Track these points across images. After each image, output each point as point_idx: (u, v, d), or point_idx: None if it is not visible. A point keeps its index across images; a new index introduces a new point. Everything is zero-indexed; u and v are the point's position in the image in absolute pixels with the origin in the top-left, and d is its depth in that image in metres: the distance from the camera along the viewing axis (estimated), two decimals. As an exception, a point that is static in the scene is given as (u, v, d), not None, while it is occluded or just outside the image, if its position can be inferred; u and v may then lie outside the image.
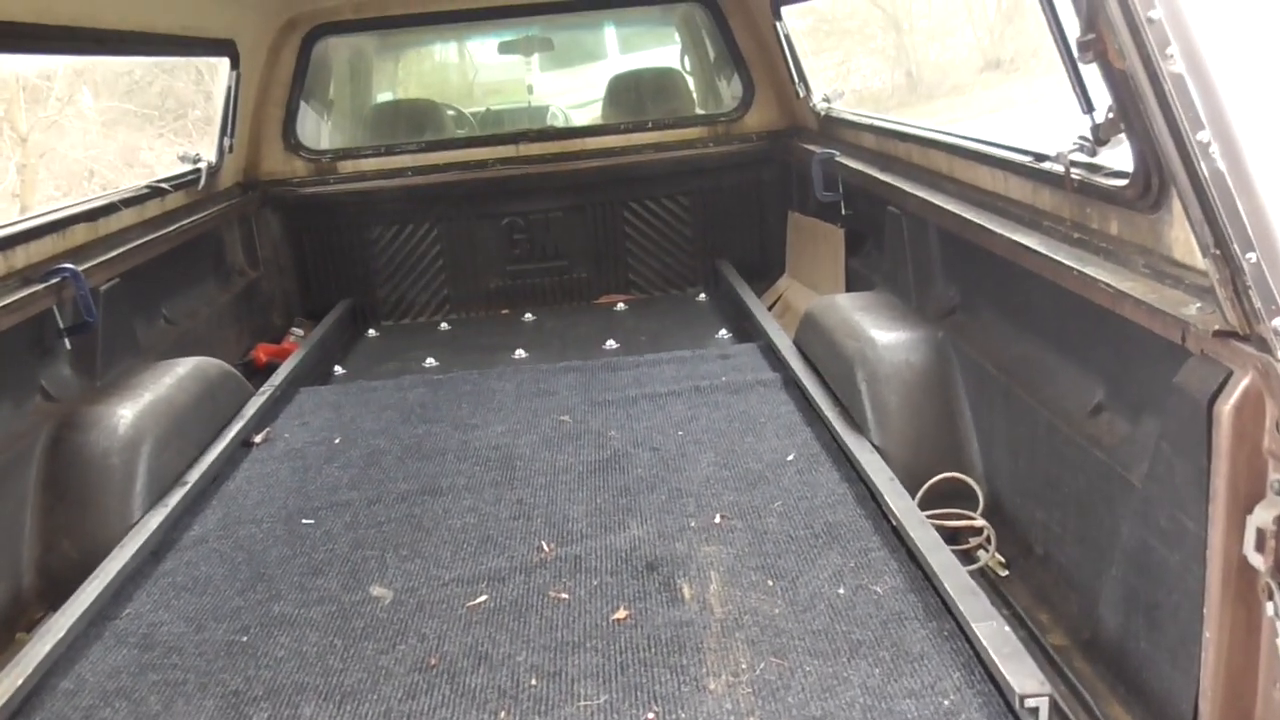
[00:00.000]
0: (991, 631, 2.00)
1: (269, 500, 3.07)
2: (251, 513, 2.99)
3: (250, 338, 4.78)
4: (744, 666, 2.09)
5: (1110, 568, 2.12)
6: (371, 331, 5.14)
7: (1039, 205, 2.56)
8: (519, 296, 5.38)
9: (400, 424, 3.61)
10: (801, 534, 2.61)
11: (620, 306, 5.22)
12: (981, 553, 2.70)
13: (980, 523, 2.69)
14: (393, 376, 4.25)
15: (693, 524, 2.71)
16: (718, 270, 5.31)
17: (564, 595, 2.42)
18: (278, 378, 4.02)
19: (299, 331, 5.01)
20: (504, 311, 5.37)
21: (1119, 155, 2.19)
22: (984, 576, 2.60)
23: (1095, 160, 2.24)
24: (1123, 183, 2.12)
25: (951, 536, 2.62)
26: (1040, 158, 2.53)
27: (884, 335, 3.19)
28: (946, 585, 2.20)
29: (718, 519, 2.72)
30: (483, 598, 2.44)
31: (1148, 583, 1.95)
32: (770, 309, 4.76)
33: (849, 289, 4.25)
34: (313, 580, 2.58)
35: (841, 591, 2.33)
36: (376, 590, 2.51)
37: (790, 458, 3.06)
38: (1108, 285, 2.04)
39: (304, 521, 2.91)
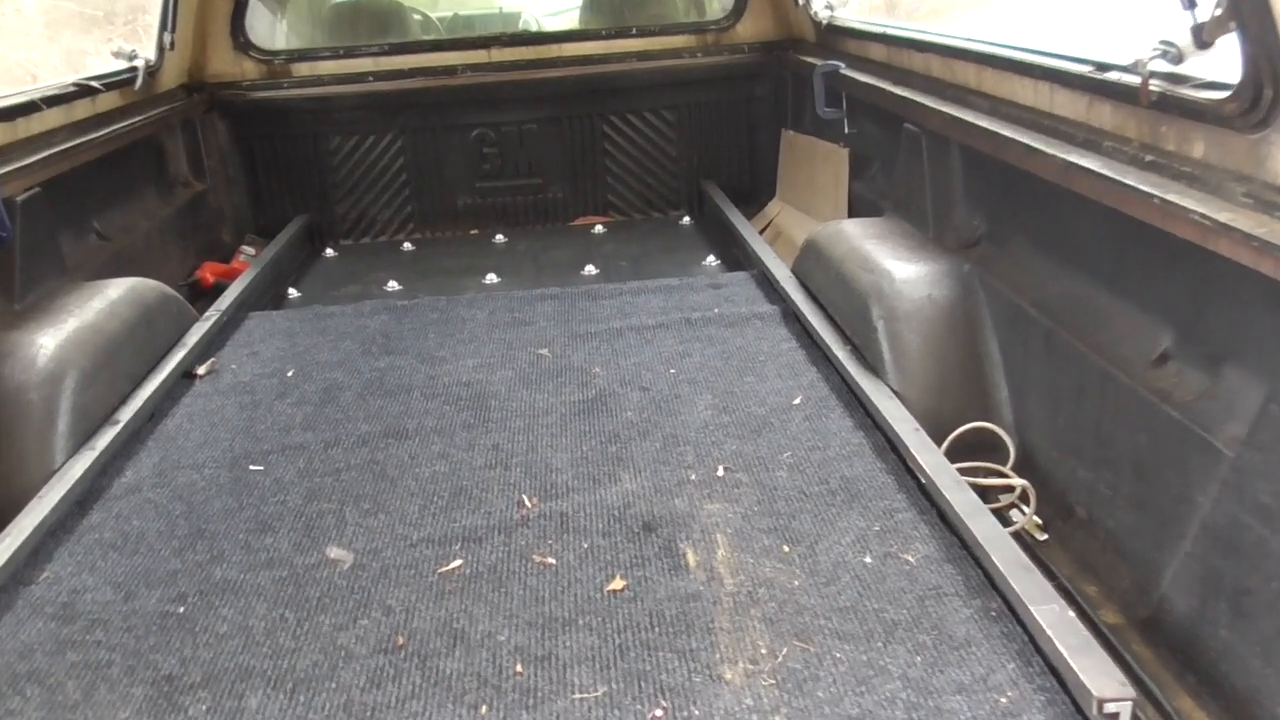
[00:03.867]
0: (1053, 617, 1.73)
1: (212, 442, 2.72)
2: (192, 456, 2.65)
3: (196, 256, 4.37)
4: (763, 651, 1.81)
5: (1181, 541, 1.86)
6: (329, 251, 4.74)
7: (1096, 123, 2.24)
8: (489, 216, 5.01)
9: (360, 355, 3.26)
10: (816, 490, 2.32)
11: (598, 229, 4.86)
12: (1016, 513, 2.43)
13: (1016, 480, 2.41)
14: (352, 301, 3.89)
15: (693, 477, 2.41)
16: (703, 192, 4.96)
17: (550, 560, 2.12)
18: (225, 301, 3.64)
19: (250, 250, 4.60)
20: (473, 232, 5.00)
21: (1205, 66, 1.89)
22: (1019, 540, 2.33)
23: (1179, 70, 1.92)
24: (1221, 95, 1.80)
25: (980, 493, 2.34)
26: (1103, 67, 2.20)
27: (902, 267, 2.88)
28: (994, 558, 1.93)
29: (720, 471, 2.43)
30: (456, 562, 2.14)
31: (1237, 565, 1.69)
32: (760, 234, 4.43)
33: (852, 214, 3.92)
34: (261, 539, 2.26)
35: (868, 560, 2.05)
36: (334, 552, 2.19)
37: (797, 401, 2.76)
38: (1202, 217, 1.74)
39: (252, 468, 2.57)
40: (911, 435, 2.40)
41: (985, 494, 2.40)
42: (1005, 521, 2.38)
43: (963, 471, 2.37)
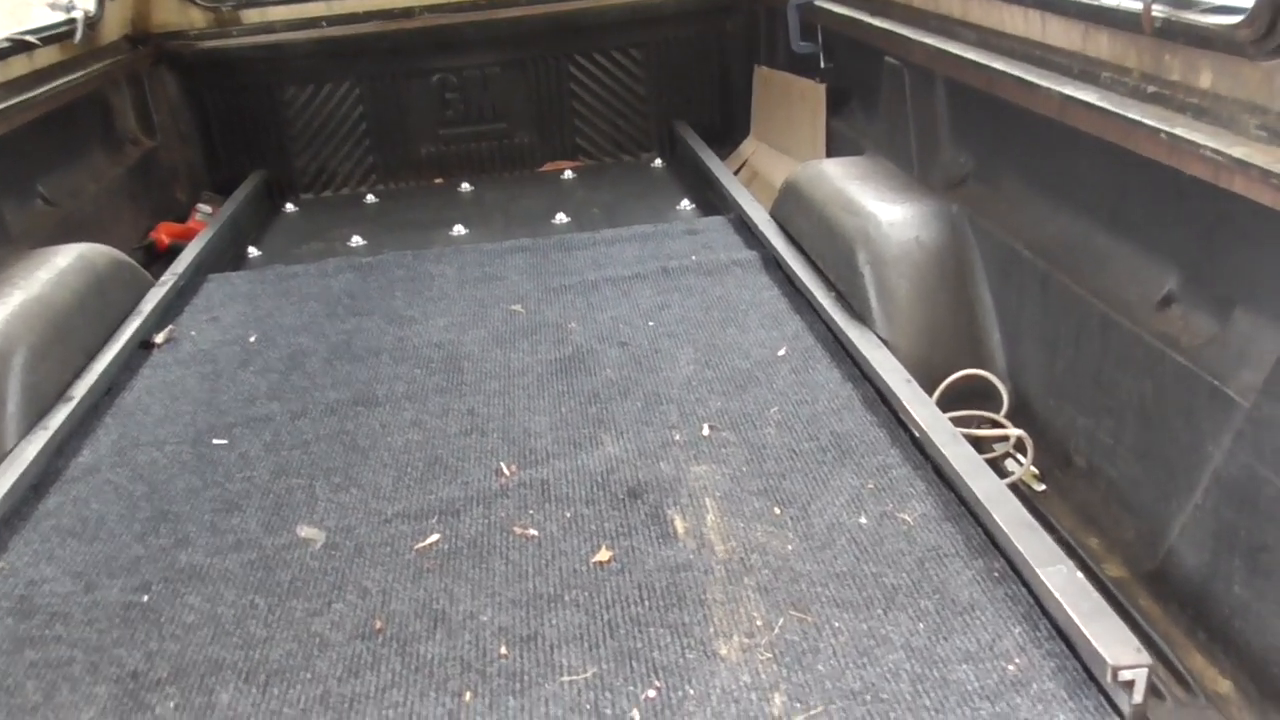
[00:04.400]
0: (1061, 580, 1.65)
1: (173, 416, 2.60)
2: (152, 432, 2.53)
3: (150, 217, 4.18)
4: (759, 624, 1.73)
5: (1190, 493, 1.78)
6: (289, 206, 4.56)
7: (1093, 54, 2.12)
8: (454, 164, 4.84)
9: (325, 318, 3.13)
10: (806, 448, 2.23)
11: (568, 174, 4.70)
12: (1011, 463, 2.35)
13: (1012, 430, 2.33)
14: (315, 259, 3.74)
15: (677, 437, 2.31)
16: (675, 133, 4.81)
17: (532, 532, 2.03)
18: (181, 264, 3.48)
19: (206, 209, 4.41)
20: (437, 181, 4.83)
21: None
22: (1016, 491, 2.25)
23: (1184, -7, 1.80)
24: (1232, 20, 1.68)
25: (973, 443, 2.26)
26: (1101, -7, 2.08)
27: (888, 209, 2.76)
28: (995, 515, 1.85)
29: (706, 430, 2.33)
30: (434, 537, 2.04)
31: (1252, 519, 1.62)
32: (735, 175, 4.30)
33: (830, 154, 3.79)
34: (227, 519, 2.15)
35: (864, 521, 1.97)
36: (305, 531, 2.09)
37: (782, 353, 2.66)
38: (1214, 152, 1.63)
39: (215, 442, 2.45)
40: (903, 386, 2.31)
41: (979, 444, 2.32)
42: (1001, 473, 2.30)
43: (956, 421, 2.29)
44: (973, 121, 2.74)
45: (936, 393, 2.43)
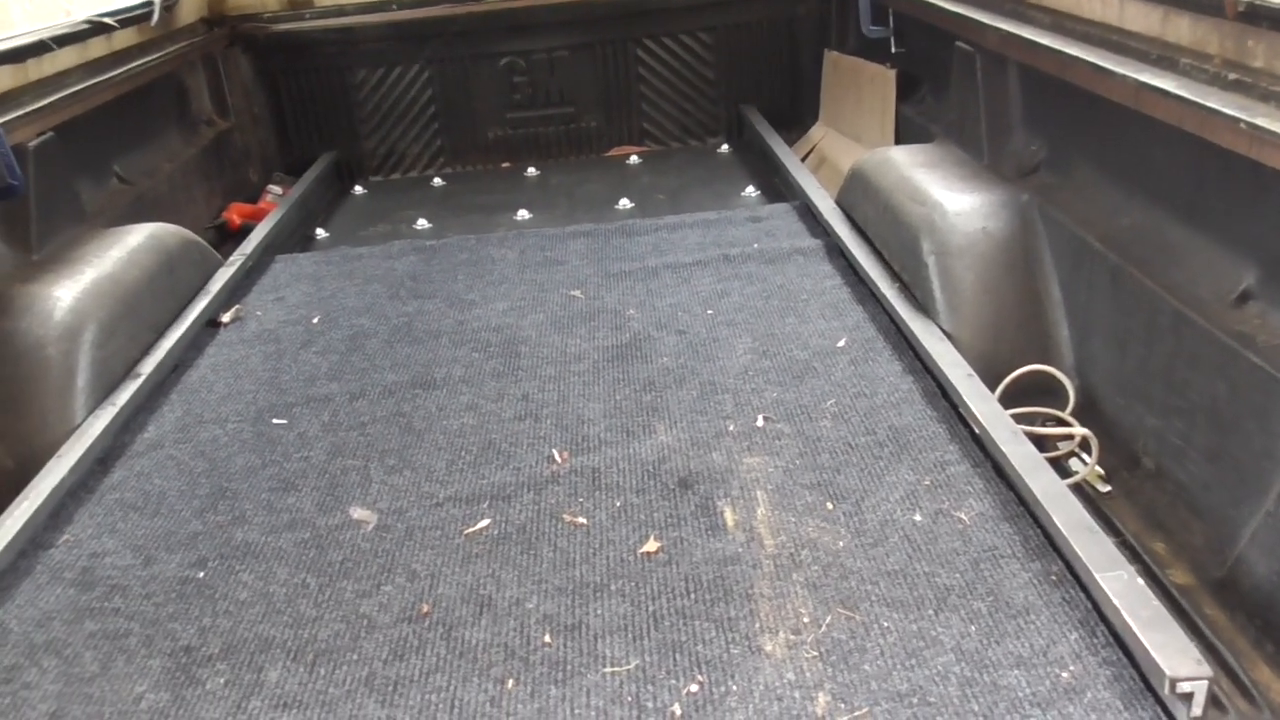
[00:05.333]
0: (1121, 585, 1.60)
1: (236, 394, 2.64)
2: (215, 410, 2.57)
3: (223, 197, 4.27)
4: (806, 621, 1.70)
5: (1262, 498, 1.71)
6: (358, 189, 4.61)
7: (1172, 38, 2.04)
8: (521, 148, 4.85)
9: (388, 300, 3.16)
10: (862, 441, 2.19)
11: (634, 159, 4.67)
12: (1076, 462, 2.28)
13: (1077, 428, 2.26)
14: (381, 241, 3.78)
15: (731, 428, 2.29)
16: (743, 118, 4.76)
17: (581, 520, 2.02)
18: (250, 244, 3.54)
19: (277, 189, 4.49)
20: (504, 165, 4.84)
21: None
22: (1080, 492, 2.19)
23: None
24: (1321, 4, 1.60)
25: (1037, 441, 2.19)
26: (1182, -24, 1.99)
27: (956, 198, 2.69)
28: (1054, 517, 1.79)
29: (760, 421, 2.30)
30: (484, 522, 2.04)
31: (1327, 529, 1.54)
32: (803, 161, 4.23)
33: (899, 141, 3.71)
34: (283, 498, 2.18)
35: (918, 519, 1.93)
36: (358, 513, 2.11)
37: (841, 344, 2.62)
38: (1298, 143, 1.55)
39: (275, 421, 2.49)
40: (964, 381, 2.25)
41: (1043, 442, 2.26)
42: (1065, 472, 2.25)
43: (1019, 418, 2.23)
44: (1045, 108, 2.66)
45: (999, 388, 2.36)
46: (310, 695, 1.65)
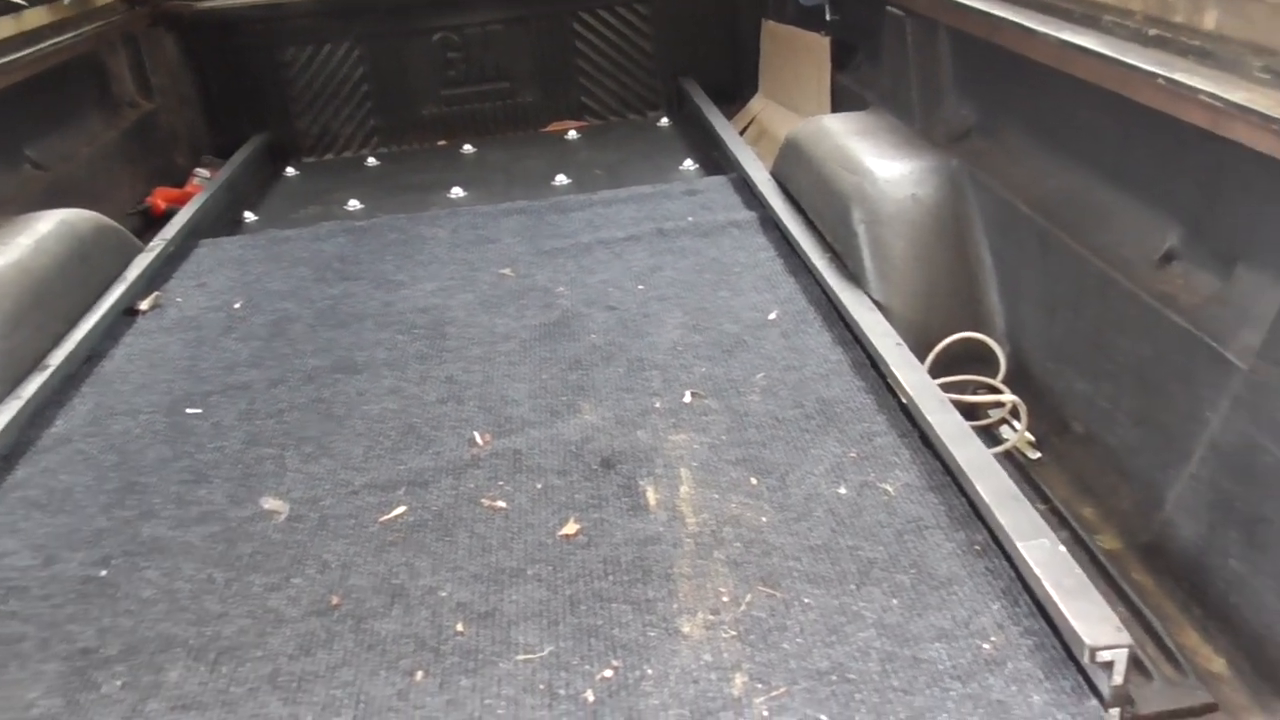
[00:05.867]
0: (1044, 555, 1.56)
1: (151, 384, 2.55)
2: (129, 401, 2.48)
3: (147, 182, 4.12)
4: (725, 600, 1.66)
5: (1186, 462, 1.68)
6: (290, 170, 4.48)
7: (1095, -5, 1.99)
8: (456, 125, 4.74)
9: (314, 283, 3.07)
10: (790, 415, 2.15)
11: (572, 134, 4.59)
12: (1007, 429, 2.25)
13: (1007, 395, 2.23)
14: (310, 223, 3.67)
15: (658, 405, 2.23)
16: (682, 91, 4.69)
17: (500, 504, 1.96)
18: (171, 229, 3.43)
19: (205, 173, 4.34)
20: (440, 143, 4.73)
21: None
22: (1010, 459, 2.16)
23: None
24: (1236, -47, 1.56)
25: (967, 410, 2.16)
26: (1101, -71, 1.95)
27: (885, 165, 2.64)
28: (979, 486, 1.76)
29: (688, 397, 2.25)
30: (400, 509, 1.98)
31: (1250, 490, 1.52)
32: (742, 134, 4.18)
33: (836, 109, 3.66)
34: (194, 490, 2.10)
35: (843, 492, 1.89)
36: (270, 503, 2.03)
37: (773, 316, 2.57)
38: (1212, 97, 1.51)
39: (190, 411, 2.40)
40: (893, 351, 2.21)
41: (973, 411, 2.23)
42: (995, 440, 2.21)
43: (949, 387, 2.19)
44: (976, 73, 2.62)
45: (930, 357, 2.32)
46: (211, 695, 1.58)
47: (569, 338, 2.57)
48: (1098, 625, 1.41)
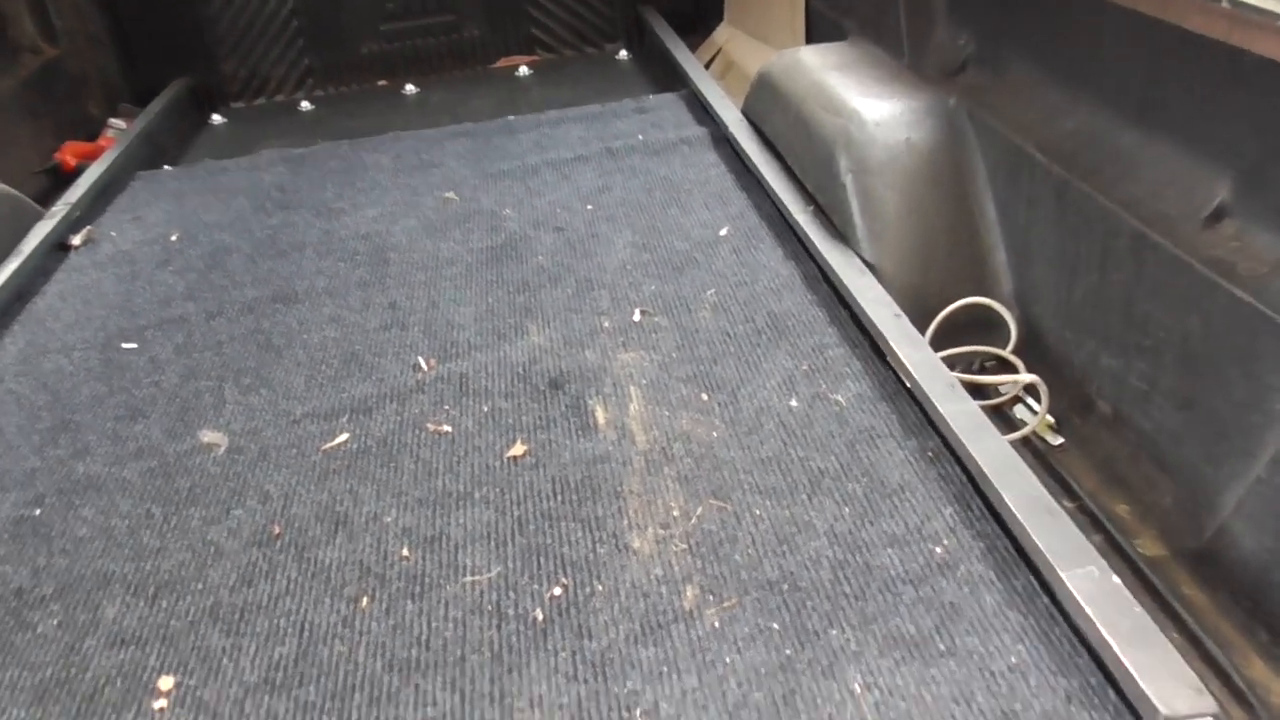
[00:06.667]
0: (1092, 588, 1.34)
1: (85, 320, 2.47)
2: (61, 338, 2.40)
3: (54, 136, 3.74)
4: (676, 515, 1.63)
5: (1249, 459, 1.49)
6: (216, 117, 4.16)
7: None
8: (398, 63, 4.43)
9: (252, 213, 2.97)
10: (741, 330, 2.11)
11: (524, 71, 4.35)
12: (1022, 410, 2.05)
13: (1024, 375, 2.00)
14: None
15: (606, 324, 2.19)
16: (642, 20, 4.46)
17: (445, 428, 1.91)
18: (77, 190, 3.09)
19: (121, 124, 4.00)
20: (380, 83, 4.43)
21: None
22: (1026, 446, 1.96)
23: None
24: None
25: (975, 390, 1.90)
26: None
27: (874, 106, 2.37)
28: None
29: (637, 316, 2.20)
30: (342, 437, 1.93)
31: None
32: (708, 67, 3.96)
33: (810, 40, 3.43)
34: (130, 426, 2.04)
35: (794, 405, 1.86)
36: (208, 436, 1.97)
37: (724, 233, 2.52)
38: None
39: (125, 346, 2.33)
40: (891, 324, 1.97)
41: (983, 391, 2.04)
42: (1006, 420, 2.04)
43: (954, 360, 2.09)
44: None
45: (931, 328, 2.14)
46: (150, 630, 1.54)
47: (515, 260, 2.51)
48: (1171, 685, 1.19)
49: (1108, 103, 1.88)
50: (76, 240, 2.88)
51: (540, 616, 1.47)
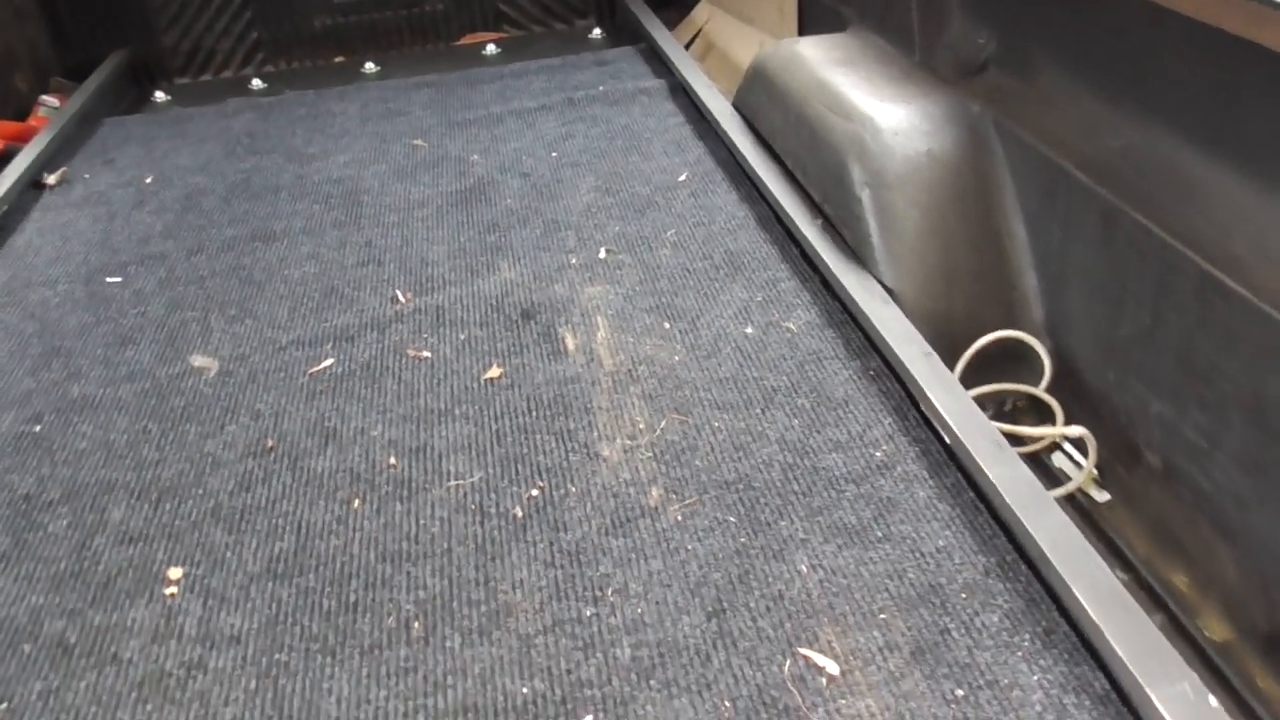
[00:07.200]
0: (1188, 712, 1.22)
1: (65, 256, 2.55)
2: (44, 273, 2.48)
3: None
4: (641, 427, 1.79)
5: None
6: (159, 95, 3.80)
7: None
8: (355, 39, 4.15)
9: (224, 158, 3.06)
10: (699, 266, 2.26)
11: (490, 49, 4.06)
12: (1064, 461, 1.88)
13: (1072, 429, 1.81)
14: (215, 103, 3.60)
15: (574, 261, 2.33)
16: None
17: (425, 354, 2.05)
18: (6, 180, 2.84)
19: (53, 102, 3.69)
20: (336, 60, 4.18)
21: None
22: (1071, 503, 1.81)
23: None
24: None
25: (1013, 440, 1.67)
26: None
27: (889, 111, 2.13)
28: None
29: (602, 254, 2.34)
30: (328, 362, 2.05)
31: None
32: (687, 48, 3.81)
33: (802, 25, 3.26)
34: (120, 352, 2.14)
35: (749, 331, 2.02)
36: (198, 360, 2.09)
37: (682, 178, 2.66)
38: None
39: (109, 280, 2.42)
40: (921, 364, 1.79)
41: (1019, 441, 1.83)
42: (1041, 467, 1.89)
43: (984, 400, 1.87)
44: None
45: (961, 362, 1.96)
46: (156, 529, 1.66)
47: (484, 203, 2.64)
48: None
49: (1166, 122, 1.62)
50: (51, 180, 2.95)
51: (519, 514, 1.62)
